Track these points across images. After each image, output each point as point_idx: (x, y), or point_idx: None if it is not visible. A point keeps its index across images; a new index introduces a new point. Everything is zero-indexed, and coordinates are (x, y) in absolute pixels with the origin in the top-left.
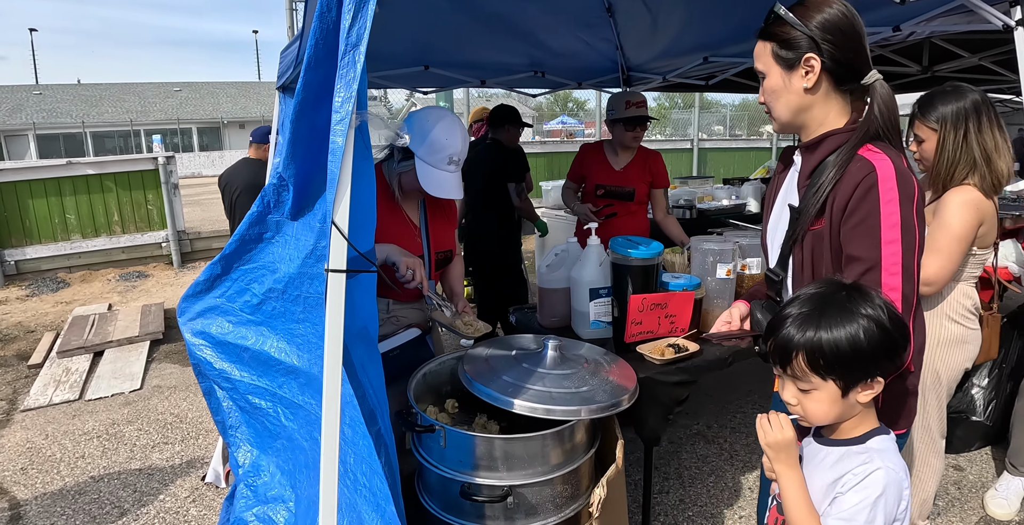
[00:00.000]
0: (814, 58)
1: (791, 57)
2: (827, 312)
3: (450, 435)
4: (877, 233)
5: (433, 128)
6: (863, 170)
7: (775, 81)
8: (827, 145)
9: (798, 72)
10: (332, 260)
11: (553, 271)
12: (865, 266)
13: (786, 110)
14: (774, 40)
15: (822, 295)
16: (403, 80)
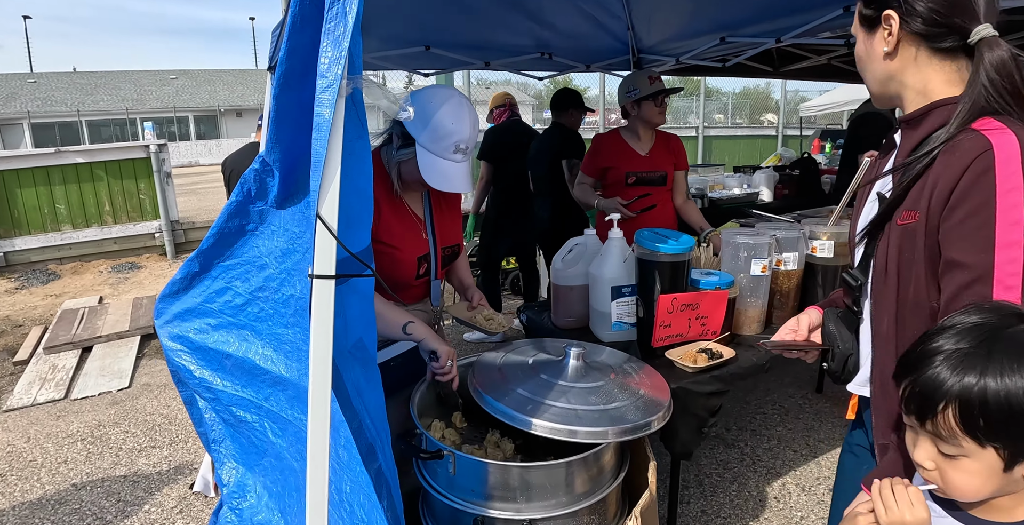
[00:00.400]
0: (892, 15)
1: (871, 15)
2: (998, 352)
3: (460, 462)
4: (991, 232)
5: (437, 111)
6: (976, 148)
7: (859, 46)
8: (933, 119)
9: (879, 33)
10: (318, 264)
11: (569, 266)
12: (971, 276)
13: (872, 81)
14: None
15: (991, 327)
16: (401, 61)
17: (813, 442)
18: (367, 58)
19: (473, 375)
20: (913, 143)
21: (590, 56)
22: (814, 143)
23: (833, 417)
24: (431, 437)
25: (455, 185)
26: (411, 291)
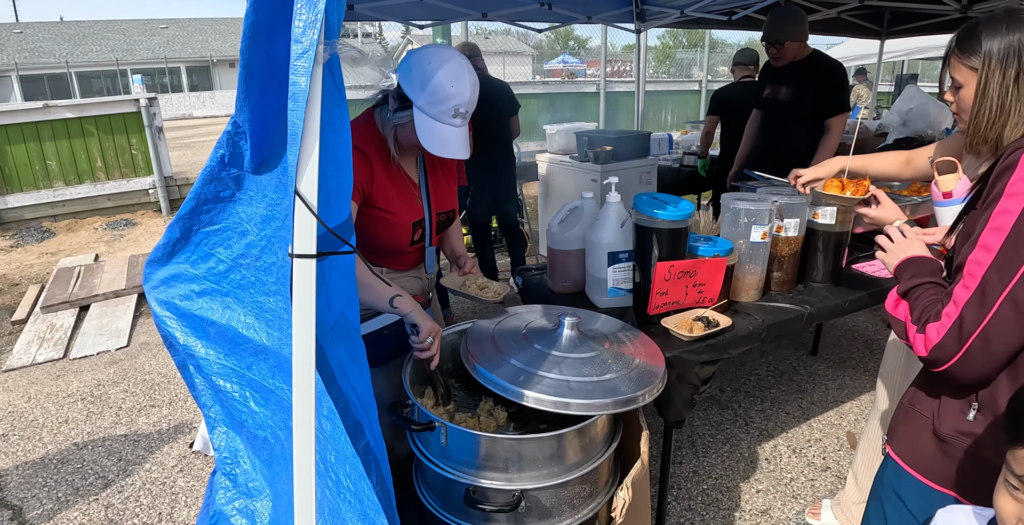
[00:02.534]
0: None
1: None
2: None
3: (452, 433)
4: (982, 228)
5: (436, 72)
6: (1014, 146)
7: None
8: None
9: None
10: (298, 243)
11: (566, 230)
12: (957, 262)
13: None
14: None
15: None
16: (397, 12)
17: (806, 404)
18: (360, 8)
19: (466, 344)
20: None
21: (591, 7)
22: None
23: (826, 379)
24: (423, 408)
25: (454, 151)
26: (405, 257)
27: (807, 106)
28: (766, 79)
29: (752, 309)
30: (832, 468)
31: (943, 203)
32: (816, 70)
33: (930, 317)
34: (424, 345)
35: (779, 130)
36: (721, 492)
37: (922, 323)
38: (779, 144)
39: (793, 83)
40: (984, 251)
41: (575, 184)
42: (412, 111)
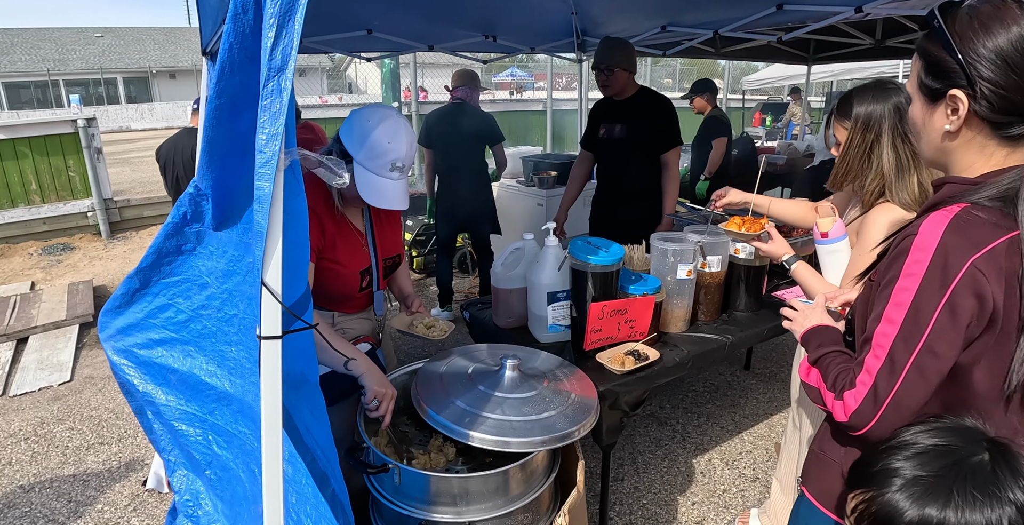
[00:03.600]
0: (960, 99)
1: (936, 88)
2: (960, 485)
3: (405, 474)
4: (884, 304)
5: (374, 129)
6: (910, 229)
7: (916, 111)
8: (944, 191)
9: (941, 110)
10: (265, 326)
11: (509, 270)
12: (865, 335)
13: (929, 149)
14: (923, 58)
15: (953, 454)
16: (344, 45)
17: (738, 418)
18: (308, 43)
19: (416, 386)
20: (924, 208)
21: (535, 39)
22: (755, 116)
23: (758, 393)
24: (378, 452)
25: (392, 202)
26: (355, 302)
27: (646, 142)
28: (598, 119)
29: (680, 340)
30: (761, 478)
31: (821, 242)
32: (649, 105)
33: (845, 385)
34: (371, 408)
35: (623, 168)
36: (660, 506)
37: (838, 390)
38: (622, 184)
39: (628, 120)
40: (889, 324)
41: (523, 208)
42: (353, 166)
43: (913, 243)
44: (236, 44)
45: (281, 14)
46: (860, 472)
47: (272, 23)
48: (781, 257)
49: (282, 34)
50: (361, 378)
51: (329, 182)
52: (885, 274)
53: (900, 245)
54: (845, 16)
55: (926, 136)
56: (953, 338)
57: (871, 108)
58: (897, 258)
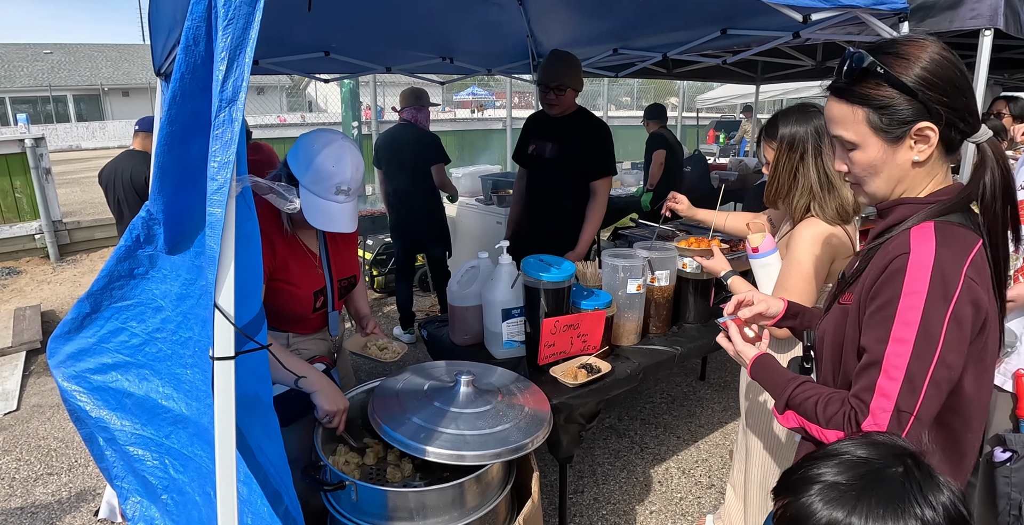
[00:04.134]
0: (930, 128)
1: (897, 128)
2: (869, 493)
3: (361, 490)
4: (889, 325)
5: (319, 154)
6: (898, 250)
7: (869, 156)
8: (898, 213)
9: (906, 144)
10: (218, 347)
11: (464, 288)
12: (868, 359)
13: (886, 185)
14: (869, 105)
15: (874, 467)
16: (301, 66)
17: (695, 427)
18: (264, 64)
19: (373, 404)
20: (878, 230)
21: (491, 60)
22: (709, 133)
23: (713, 403)
24: (334, 469)
25: (339, 225)
26: (310, 323)
27: (576, 165)
28: (530, 136)
29: (631, 352)
30: (716, 485)
31: (753, 256)
32: (585, 128)
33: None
34: (324, 421)
35: (547, 189)
36: (619, 516)
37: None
38: (547, 203)
39: (562, 139)
40: (901, 344)
41: (482, 226)
42: (300, 190)
43: (909, 261)
44: (188, 74)
45: (232, 48)
46: (786, 480)
47: (224, 57)
48: (720, 272)
49: (233, 66)
50: (313, 395)
51: (280, 207)
52: (878, 296)
53: (893, 265)
54: (784, 40)
55: (886, 173)
56: (961, 348)
57: (795, 130)
58: (893, 278)
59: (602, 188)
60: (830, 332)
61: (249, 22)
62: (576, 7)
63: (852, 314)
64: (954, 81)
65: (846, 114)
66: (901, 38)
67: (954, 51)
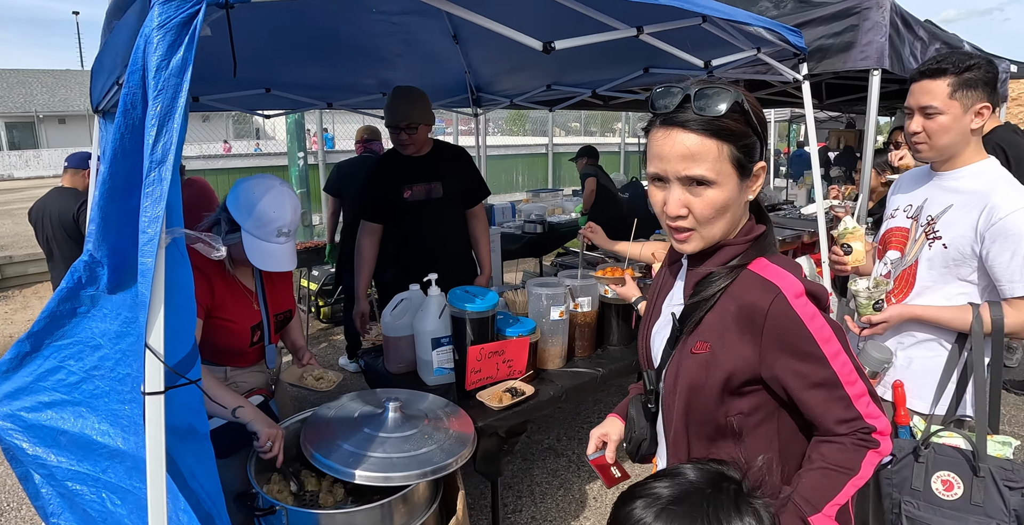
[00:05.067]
0: (762, 166)
1: (750, 165)
2: (676, 507)
3: (292, 514)
4: (819, 352)
5: (260, 200)
6: (767, 295)
7: (730, 193)
8: (720, 256)
9: (748, 182)
10: (148, 382)
11: (397, 319)
12: (827, 390)
13: (728, 224)
14: (733, 142)
15: (693, 485)
16: (243, 102)
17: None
18: (205, 100)
19: (304, 433)
20: (700, 275)
21: (432, 95)
22: None
23: None
24: (265, 495)
25: (280, 265)
26: (247, 356)
27: (460, 198)
28: (396, 182)
29: (556, 375)
30: None
31: None
32: (454, 160)
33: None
34: (264, 449)
35: (438, 227)
36: None
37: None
38: (443, 242)
39: (439, 177)
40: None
41: None
42: (241, 233)
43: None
44: (127, 134)
45: (162, 115)
46: (629, 491)
47: (154, 123)
48: (631, 298)
49: (163, 131)
50: (250, 424)
51: (208, 255)
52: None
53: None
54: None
55: (732, 213)
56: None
57: None
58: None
59: (481, 210)
60: (685, 378)
61: (177, 91)
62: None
63: (712, 361)
64: (765, 123)
65: (707, 150)
66: (708, 79)
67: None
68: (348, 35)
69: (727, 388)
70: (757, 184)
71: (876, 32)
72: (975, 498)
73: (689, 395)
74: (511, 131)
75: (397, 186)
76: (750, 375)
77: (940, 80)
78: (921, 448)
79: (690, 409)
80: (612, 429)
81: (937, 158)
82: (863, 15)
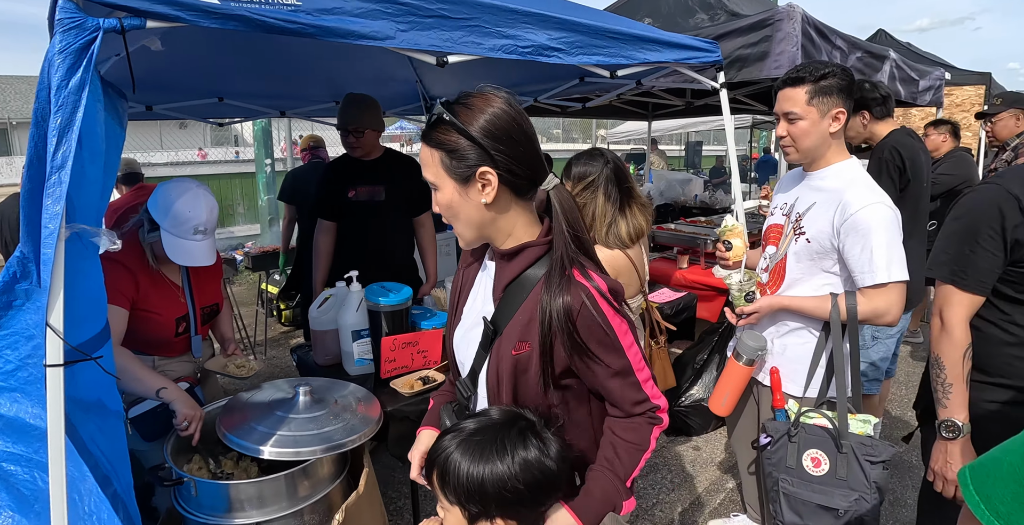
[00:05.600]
0: (489, 172)
1: (465, 172)
2: (473, 437)
3: (201, 486)
4: (618, 343)
5: (176, 201)
6: (575, 298)
7: (446, 196)
8: (524, 258)
9: (474, 186)
10: (49, 356)
11: (323, 314)
12: (624, 376)
13: (468, 227)
14: (443, 149)
15: (492, 422)
16: (196, 111)
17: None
18: (161, 110)
19: (220, 417)
20: (508, 277)
21: (385, 103)
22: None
23: None
24: (176, 469)
25: (198, 260)
26: (174, 346)
27: (404, 205)
28: (345, 182)
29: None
30: None
31: None
32: (402, 168)
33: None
34: (182, 427)
35: (379, 231)
36: None
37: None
38: (384, 246)
39: (384, 181)
40: (631, 347)
41: None
42: (161, 233)
43: (605, 309)
44: (40, 143)
45: (61, 128)
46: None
47: (55, 134)
48: None
49: (62, 141)
50: (172, 403)
51: (103, 248)
52: (587, 340)
53: (582, 309)
54: (629, 87)
55: (464, 215)
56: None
57: (583, 169)
58: (584, 314)
59: (428, 219)
60: (508, 380)
61: (76, 107)
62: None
63: (533, 359)
64: (510, 132)
65: (426, 156)
66: (476, 91)
67: (518, 106)
68: (299, 47)
69: (548, 382)
70: (489, 188)
71: (788, 42)
72: (840, 473)
73: (516, 395)
74: None
75: (344, 186)
76: (564, 367)
77: (799, 88)
78: (792, 429)
79: (519, 399)
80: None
81: (803, 160)
82: (776, 26)
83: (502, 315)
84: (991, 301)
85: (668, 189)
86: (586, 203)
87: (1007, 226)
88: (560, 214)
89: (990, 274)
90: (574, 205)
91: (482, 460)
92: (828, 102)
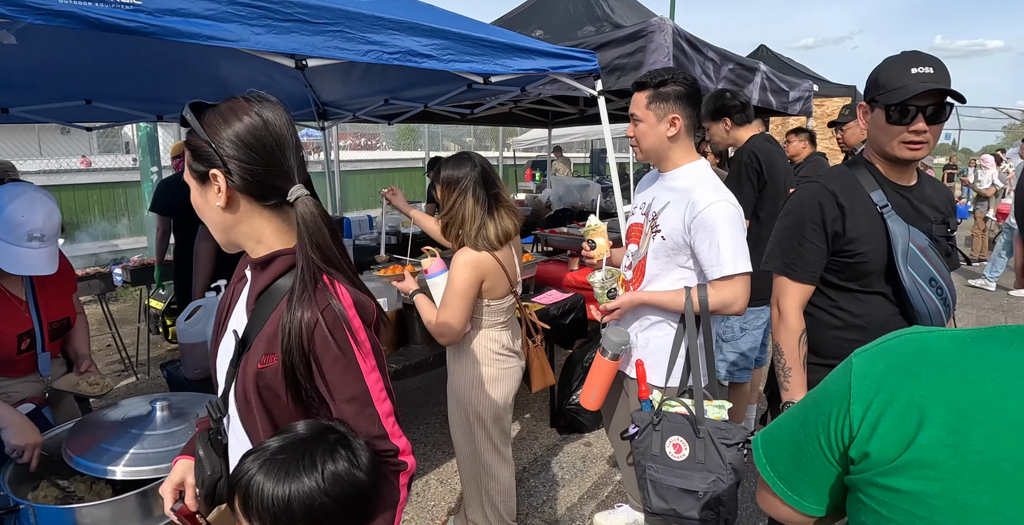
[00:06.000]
0: (219, 174)
1: (201, 170)
2: (277, 456)
3: (40, 513)
4: (356, 367)
5: (8, 205)
6: (321, 303)
7: (194, 195)
8: (275, 266)
9: (211, 188)
10: None
11: (191, 326)
12: (359, 403)
13: (214, 229)
14: (188, 148)
15: (298, 437)
16: (61, 115)
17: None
18: (16, 112)
19: (66, 440)
20: (260, 287)
21: None
22: (527, 172)
23: None
24: (11, 495)
25: (33, 269)
26: (17, 365)
27: None
28: None
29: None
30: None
31: (425, 276)
32: None
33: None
34: (14, 456)
35: None
36: None
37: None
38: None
39: None
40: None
41: None
42: None
43: (349, 324)
44: None
45: None
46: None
47: None
48: (408, 291)
49: None
50: (2, 431)
51: None
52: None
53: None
54: (513, 95)
55: (206, 216)
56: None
57: (452, 173)
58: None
59: None
60: (253, 396)
61: None
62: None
63: (279, 374)
64: (249, 139)
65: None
66: (237, 95)
67: (277, 117)
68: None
69: (300, 398)
70: (221, 192)
71: (660, 53)
72: (698, 456)
73: (269, 411)
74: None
75: None
76: (312, 384)
77: (642, 93)
78: (655, 418)
79: (276, 424)
80: (187, 473)
81: (648, 159)
82: (649, 38)
83: (254, 327)
84: (820, 289)
85: (566, 194)
86: (456, 206)
87: (827, 219)
88: (302, 226)
89: (817, 264)
90: (317, 216)
91: (287, 478)
92: (664, 107)
